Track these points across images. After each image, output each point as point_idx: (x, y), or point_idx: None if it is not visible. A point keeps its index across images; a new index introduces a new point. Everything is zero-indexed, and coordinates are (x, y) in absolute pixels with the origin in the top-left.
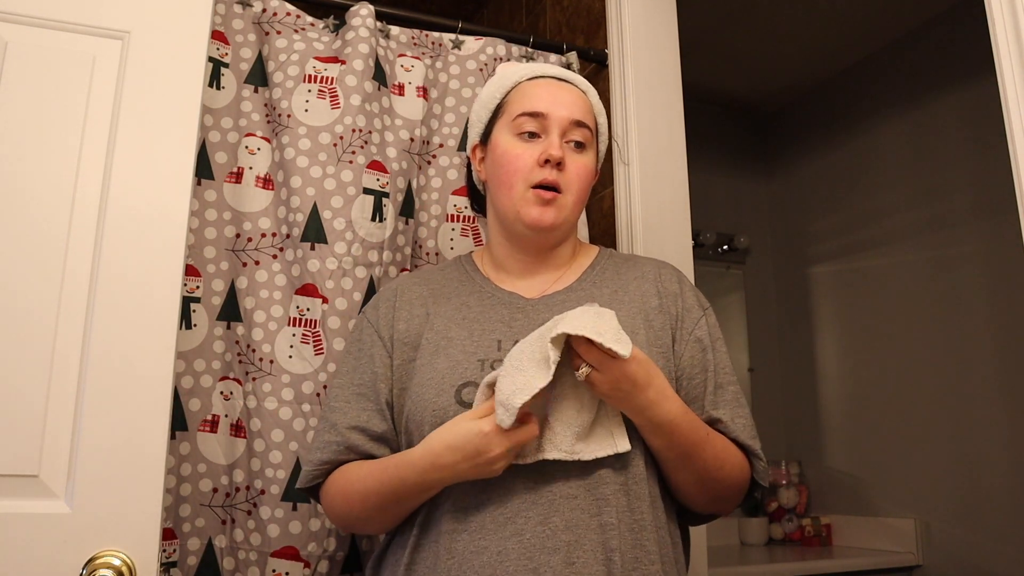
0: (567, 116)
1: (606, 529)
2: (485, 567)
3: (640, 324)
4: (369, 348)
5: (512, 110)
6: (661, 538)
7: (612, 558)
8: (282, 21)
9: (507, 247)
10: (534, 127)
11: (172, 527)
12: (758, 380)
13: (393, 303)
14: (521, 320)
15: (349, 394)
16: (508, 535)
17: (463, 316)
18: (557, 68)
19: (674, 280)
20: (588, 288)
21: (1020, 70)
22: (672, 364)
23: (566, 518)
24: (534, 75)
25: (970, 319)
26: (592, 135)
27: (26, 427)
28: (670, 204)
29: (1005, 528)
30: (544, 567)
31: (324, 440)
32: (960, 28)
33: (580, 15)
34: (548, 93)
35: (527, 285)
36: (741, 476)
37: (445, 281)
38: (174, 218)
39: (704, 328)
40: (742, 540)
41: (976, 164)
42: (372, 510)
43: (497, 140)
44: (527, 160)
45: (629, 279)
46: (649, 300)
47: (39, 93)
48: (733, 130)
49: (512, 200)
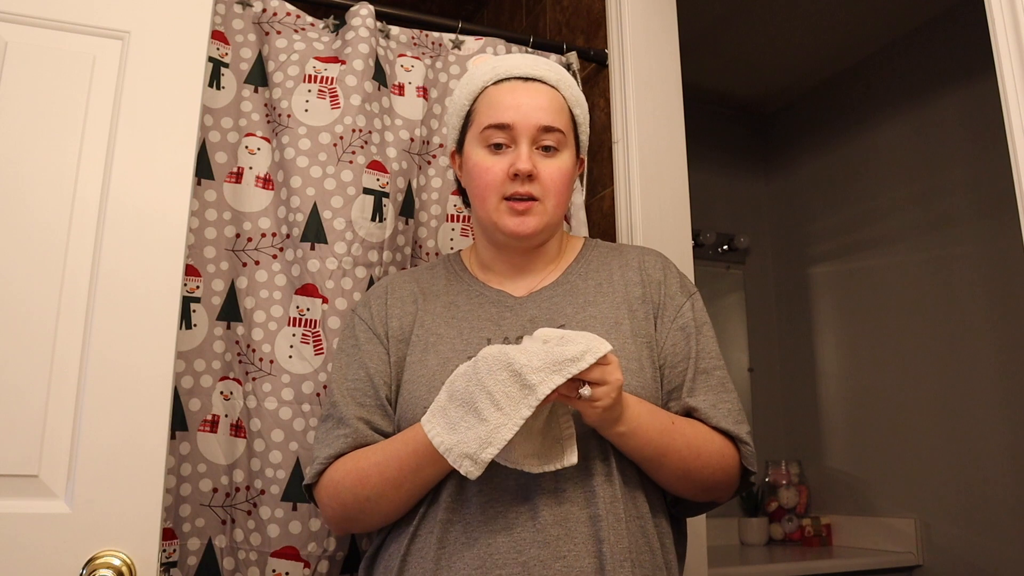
0: (535, 124)
1: (596, 521)
2: (475, 559)
3: (624, 315)
4: (364, 345)
5: (480, 121)
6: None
7: (603, 550)
8: (282, 21)
9: (492, 250)
10: (502, 138)
11: (172, 527)
12: (758, 380)
13: (385, 300)
14: (509, 318)
15: (347, 390)
16: (498, 528)
17: (452, 315)
18: (526, 62)
19: (658, 267)
20: (574, 281)
21: (1020, 70)
22: (655, 353)
23: (555, 512)
24: (499, 77)
25: (970, 319)
26: (566, 135)
27: (26, 427)
28: (670, 204)
29: (1005, 528)
30: (533, 561)
31: (334, 435)
32: (960, 28)
33: (580, 15)
34: (514, 99)
35: (514, 283)
36: (723, 462)
37: (434, 279)
38: (174, 218)
39: (689, 315)
40: (742, 540)
41: (976, 164)
42: (388, 484)
43: (468, 152)
44: (497, 173)
45: (614, 269)
46: (633, 290)
47: (39, 93)
48: (733, 130)
49: (487, 212)
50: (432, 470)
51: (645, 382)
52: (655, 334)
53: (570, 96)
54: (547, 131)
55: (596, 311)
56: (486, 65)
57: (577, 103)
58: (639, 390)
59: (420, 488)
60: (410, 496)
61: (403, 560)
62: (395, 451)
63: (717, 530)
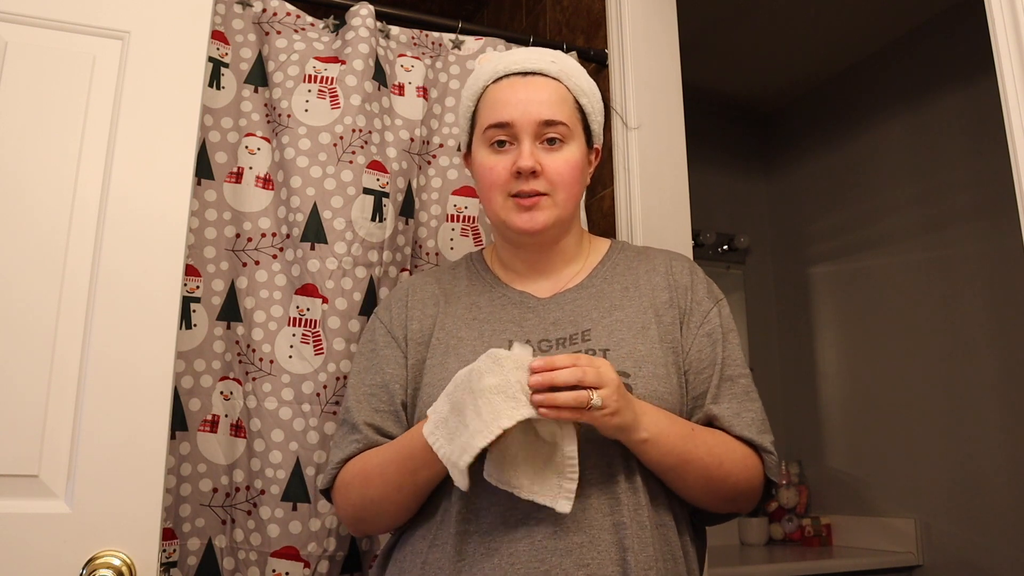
0: (535, 119)
1: (620, 528)
2: (496, 569)
3: (651, 319)
4: (382, 349)
5: (482, 121)
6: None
7: (627, 558)
8: (282, 21)
9: (509, 249)
10: (504, 136)
11: (172, 527)
12: (758, 380)
13: (405, 303)
14: (532, 319)
15: (363, 395)
16: (519, 537)
17: (473, 316)
18: (525, 56)
19: (686, 272)
20: (599, 284)
21: (1020, 70)
22: (680, 359)
23: (578, 519)
24: (499, 75)
25: (970, 319)
26: (570, 127)
27: (26, 427)
28: (670, 204)
29: (1005, 528)
30: (556, 569)
31: (346, 440)
32: (960, 28)
33: (580, 15)
34: (514, 96)
35: (537, 284)
36: (745, 472)
37: (455, 280)
38: (174, 218)
39: (716, 321)
40: (742, 540)
41: (976, 164)
42: (390, 486)
43: (475, 153)
44: (501, 172)
45: (640, 273)
46: (660, 294)
47: (39, 93)
48: (733, 130)
49: (495, 211)
50: (427, 473)
51: (671, 387)
52: (681, 339)
53: (575, 86)
54: (549, 125)
55: (623, 315)
56: (488, 64)
57: (583, 92)
58: (665, 395)
59: (420, 490)
60: (411, 498)
61: (423, 567)
62: (394, 454)
63: (717, 530)
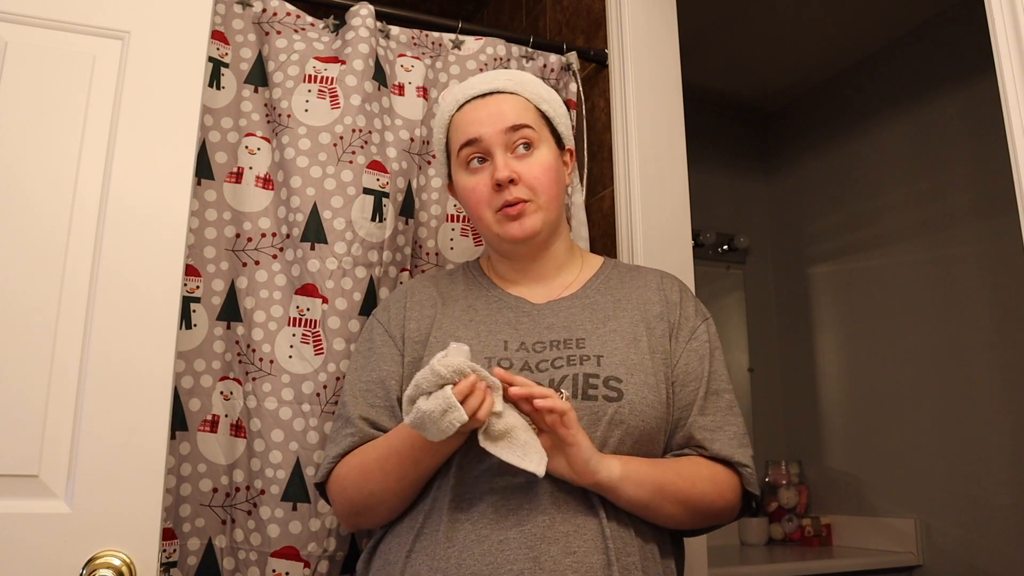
0: (499, 129)
1: (601, 519)
2: (486, 555)
3: (643, 331)
4: (380, 347)
5: (454, 145)
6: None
7: (608, 545)
8: (282, 21)
9: (504, 262)
10: (477, 153)
11: (172, 527)
12: (758, 380)
13: (404, 304)
14: (527, 323)
15: (358, 390)
16: (509, 525)
17: (470, 318)
18: (483, 79)
19: (675, 290)
20: (593, 296)
21: (1020, 70)
22: (669, 370)
23: (563, 510)
24: (459, 103)
25: (970, 319)
26: (536, 129)
27: (26, 427)
28: (670, 204)
29: (1005, 528)
30: (544, 556)
31: (341, 434)
32: (960, 28)
33: (580, 15)
34: (476, 115)
35: (532, 290)
36: (716, 489)
37: (453, 284)
38: (174, 218)
39: (704, 337)
40: (742, 540)
41: (976, 164)
42: (391, 477)
43: (456, 179)
44: (482, 190)
45: (632, 288)
46: (651, 308)
47: (39, 93)
48: (733, 130)
49: (487, 227)
50: (431, 460)
51: (660, 397)
52: (670, 351)
53: (532, 94)
54: (514, 130)
55: (616, 325)
56: (449, 95)
57: (543, 99)
58: (655, 403)
59: (421, 478)
60: (412, 487)
61: (408, 556)
62: (394, 445)
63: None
